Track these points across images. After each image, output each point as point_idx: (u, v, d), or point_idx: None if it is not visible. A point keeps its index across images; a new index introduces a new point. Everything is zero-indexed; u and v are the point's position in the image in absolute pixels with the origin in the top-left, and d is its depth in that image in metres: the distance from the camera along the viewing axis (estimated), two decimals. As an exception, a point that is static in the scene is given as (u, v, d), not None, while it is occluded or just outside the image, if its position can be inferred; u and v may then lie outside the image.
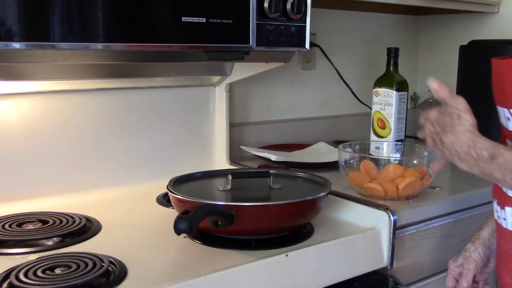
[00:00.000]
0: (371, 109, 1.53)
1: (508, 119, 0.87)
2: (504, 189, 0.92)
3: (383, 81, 1.51)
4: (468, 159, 0.84)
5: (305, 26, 1.19)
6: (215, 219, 0.95)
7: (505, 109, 0.87)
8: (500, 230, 0.94)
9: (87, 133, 1.30)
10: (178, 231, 0.87)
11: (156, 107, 1.41)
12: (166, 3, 1.00)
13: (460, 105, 0.87)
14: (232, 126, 1.59)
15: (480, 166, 0.83)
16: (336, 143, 1.65)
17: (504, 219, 0.91)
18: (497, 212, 0.95)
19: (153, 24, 1.00)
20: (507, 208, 0.90)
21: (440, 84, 0.90)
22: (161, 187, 1.20)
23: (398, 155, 1.41)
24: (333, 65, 1.87)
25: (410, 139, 1.80)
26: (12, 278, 0.82)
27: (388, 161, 1.28)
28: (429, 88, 0.93)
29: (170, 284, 0.82)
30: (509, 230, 0.91)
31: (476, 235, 1.10)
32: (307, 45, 1.20)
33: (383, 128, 1.50)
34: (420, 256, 1.22)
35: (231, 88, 1.55)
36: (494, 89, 0.91)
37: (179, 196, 1.00)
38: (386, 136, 1.50)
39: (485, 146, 0.82)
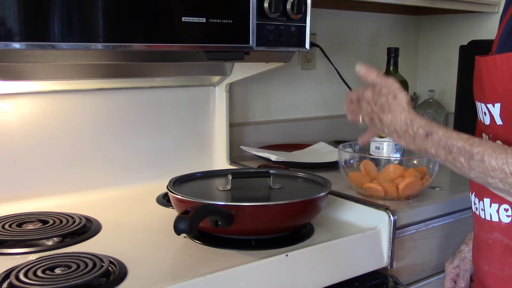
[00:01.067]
0: (371, 109, 1.53)
1: (485, 113, 0.90)
2: None
3: (383, 81, 1.51)
4: (406, 136, 0.89)
5: (305, 26, 1.19)
6: (215, 219, 0.95)
7: (483, 104, 0.91)
8: (478, 221, 0.97)
9: (87, 133, 1.30)
10: (178, 231, 0.87)
11: (156, 107, 1.41)
12: (166, 3, 1.00)
13: (394, 85, 0.92)
14: (232, 126, 1.59)
15: (416, 143, 0.88)
16: (336, 143, 1.65)
17: (482, 209, 0.94)
18: (475, 204, 0.98)
19: (153, 24, 1.00)
20: (485, 199, 0.93)
21: (368, 68, 0.96)
22: (161, 187, 1.20)
23: (398, 155, 1.41)
24: (333, 65, 1.86)
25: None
26: (12, 278, 0.82)
27: (388, 161, 1.28)
28: (357, 73, 0.97)
29: (170, 284, 0.82)
30: (487, 220, 0.93)
31: (469, 236, 1.12)
32: (307, 45, 1.20)
33: (383, 128, 1.50)
34: (420, 256, 1.22)
35: (231, 88, 1.55)
36: (474, 85, 0.95)
37: (179, 196, 1.00)
38: (386, 136, 1.50)
39: (421, 124, 0.87)
